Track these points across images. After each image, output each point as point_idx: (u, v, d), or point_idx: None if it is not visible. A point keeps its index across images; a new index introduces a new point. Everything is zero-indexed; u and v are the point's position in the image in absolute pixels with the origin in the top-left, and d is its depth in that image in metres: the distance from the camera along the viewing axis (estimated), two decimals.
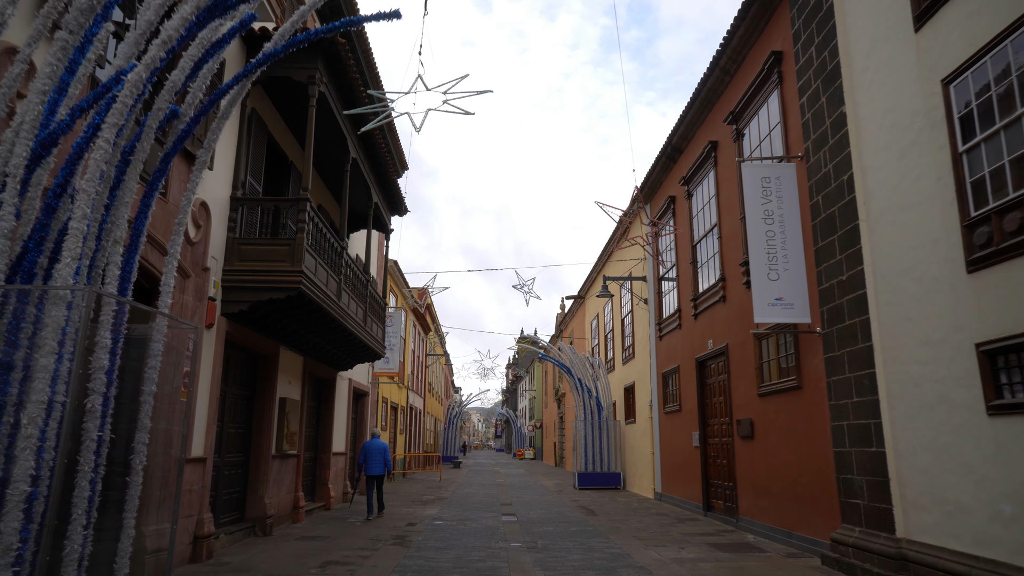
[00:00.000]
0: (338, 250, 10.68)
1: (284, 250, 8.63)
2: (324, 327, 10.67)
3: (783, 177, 9.15)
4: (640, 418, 18.71)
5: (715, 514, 12.51)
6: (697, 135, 13.90)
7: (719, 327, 12.43)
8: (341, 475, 15.20)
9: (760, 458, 10.39)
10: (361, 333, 12.18)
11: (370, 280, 13.21)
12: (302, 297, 8.77)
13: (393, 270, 20.66)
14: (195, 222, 7.62)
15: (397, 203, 15.16)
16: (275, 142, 10.56)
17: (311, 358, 12.56)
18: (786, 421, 9.55)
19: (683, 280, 14.76)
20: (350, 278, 11.60)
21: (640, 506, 15.09)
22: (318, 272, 9.39)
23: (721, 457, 12.37)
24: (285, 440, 10.80)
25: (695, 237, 14.15)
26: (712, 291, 12.74)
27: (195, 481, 7.60)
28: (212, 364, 8.21)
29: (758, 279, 8.82)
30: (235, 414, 9.69)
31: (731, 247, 11.88)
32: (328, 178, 13.29)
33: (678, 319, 14.98)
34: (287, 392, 11.19)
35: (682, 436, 14.63)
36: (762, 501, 10.30)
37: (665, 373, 16.09)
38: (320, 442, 14.01)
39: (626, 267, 19.88)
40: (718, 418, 12.59)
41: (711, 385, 13.05)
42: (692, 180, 14.19)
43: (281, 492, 10.87)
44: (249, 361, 10.20)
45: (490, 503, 15.74)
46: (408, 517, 12.66)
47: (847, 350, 7.70)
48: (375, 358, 14.64)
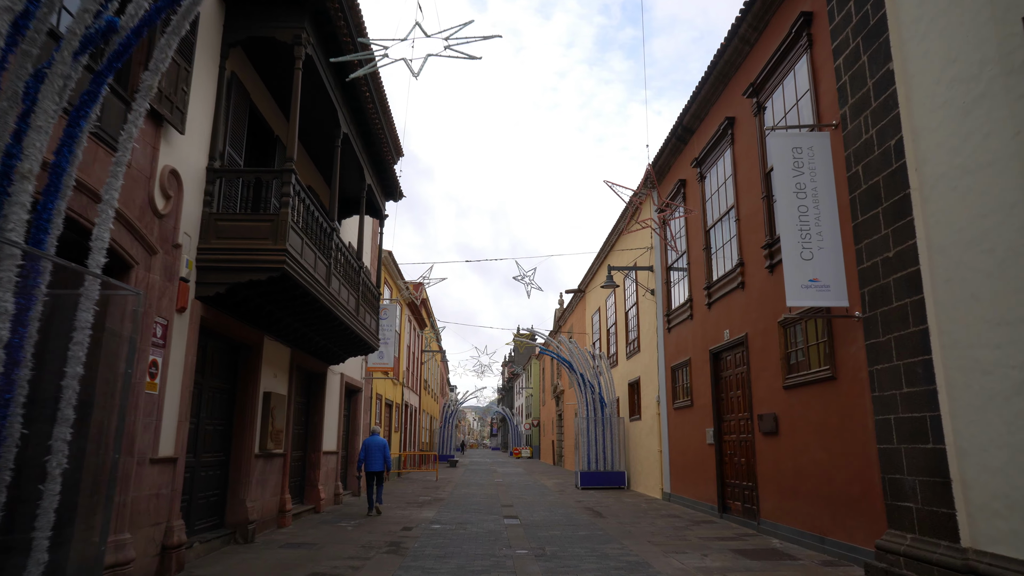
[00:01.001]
0: (327, 231, 9.82)
1: (266, 227, 7.77)
2: (312, 315, 9.81)
3: (816, 147, 8.33)
4: (646, 414, 17.91)
5: (732, 516, 11.71)
6: (711, 113, 13.08)
7: (737, 316, 11.62)
8: (332, 475, 14.34)
9: (786, 456, 9.59)
10: (353, 323, 11.33)
11: (363, 268, 12.36)
12: (286, 279, 7.91)
13: (387, 261, 19.80)
14: (164, 192, 6.75)
15: (392, 186, 14.30)
16: (258, 112, 9.69)
17: (299, 350, 11.70)
18: (817, 415, 8.74)
19: (695, 268, 13.95)
20: (341, 263, 10.74)
21: (649, 507, 14.29)
22: (305, 253, 8.53)
23: (739, 455, 11.56)
24: (270, 438, 9.93)
25: (708, 222, 13.33)
26: (728, 278, 11.93)
27: (163, 484, 6.73)
28: (184, 353, 7.34)
29: (790, 259, 8.00)
30: (213, 409, 8.82)
31: (750, 229, 11.06)
32: (317, 157, 12.42)
33: (689, 309, 14.17)
34: (272, 386, 10.33)
35: (694, 433, 13.82)
36: (788, 503, 9.49)
37: (674, 367, 15.28)
38: (309, 440, 13.14)
39: (631, 257, 19.06)
40: (735, 413, 11.78)
41: (727, 378, 12.25)
42: (705, 161, 13.38)
43: (265, 495, 10.01)
44: (229, 351, 9.33)
45: (490, 504, 14.90)
46: (404, 520, 11.81)
47: (895, 335, 6.89)
48: (368, 351, 13.79)
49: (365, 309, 12.73)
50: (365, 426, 18.19)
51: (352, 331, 11.49)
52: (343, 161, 12.06)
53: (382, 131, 12.08)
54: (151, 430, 6.49)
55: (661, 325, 16.44)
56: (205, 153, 7.90)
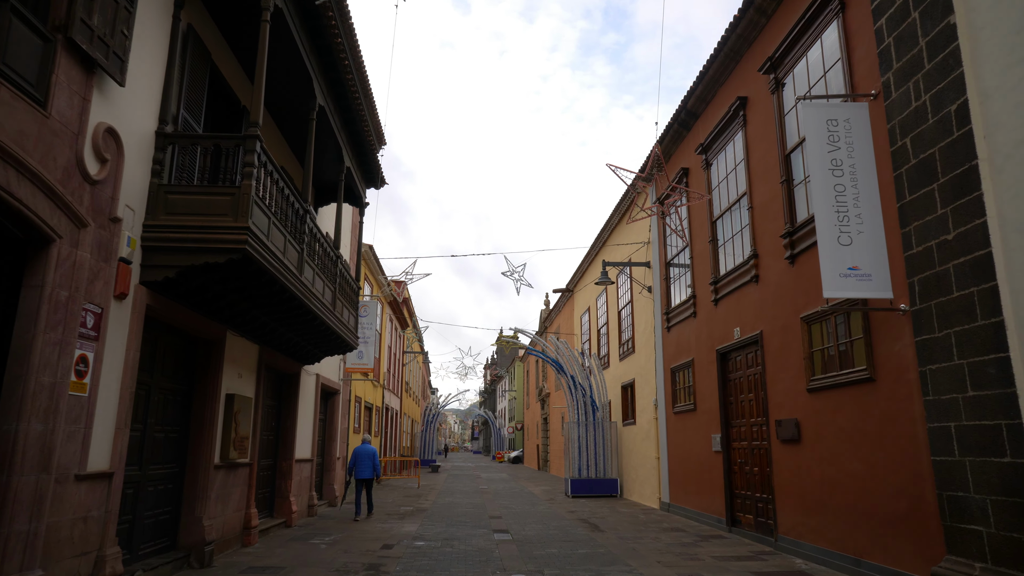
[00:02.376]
0: (300, 214, 8.72)
1: (225, 201, 6.66)
2: (282, 307, 8.69)
3: (853, 119, 7.40)
4: (642, 419, 16.95)
5: (743, 530, 10.76)
6: (719, 94, 12.16)
7: (749, 312, 10.68)
8: (306, 485, 13.17)
9: (811, 466, 8.64)
10: (329, 319, 10.22)
11: (340, 259, 11.25)
12: (249, 263, 6.81)
13: (368, 255, 18.66)
14: (98, 154, 5.62)
15: (373, 171, 13.19)
16: (222, 77, 8.56)
17: (269, 348, 10.56)
18: (850, 421, 7.81)
19: (699, 262, 13.01)
20: (317, 253, 9.64)
21: (648, 519, 13.31)
22: (273, 235, 7.43)
23: (751, 464, 10.62)
24: (233, 446, 8.79)
25: (715, 212, 12.41)
26: (740, 271, 10.99)
27: (93, 505, 5.59)
28: (125, 347, 6.21)
29: (827, 244, 7.06)
30: (165, 414, 7.68)
31: (766, 218, 10.14)
32: (292, 138, 11.29)
33: (692, 307, 13.23)
34: (236, 387, 9.19)
35: (697, 439, 12.87)
36: (813, 518, 8.55)
37: (674, 368, 14.34)
38: (280, 448, 11.98)
39: (625, 252, 18.11)
40: (747, 418, 10.84)
41: (737, 380, 11.31)
42: (712, 147, 12.45)
43: (227, 510, 8.86)
44: (185, 347, 8.18)
45: (477, 515, 13.83)
46: (384, 536, 10.70)
47: (956, 330, 5.96)
48: (346, 350, 12.66)
49: (343, 304, 11.62)
50: (343, 431, 17.04)
51: (328, 327, 10.38)
52: (320, 140, 10.96)
53: (362, 107, 10.99)
54: (77, 440, 5.36)
55: (659, 324, 15.50)
56: (154, 115, 6.77)
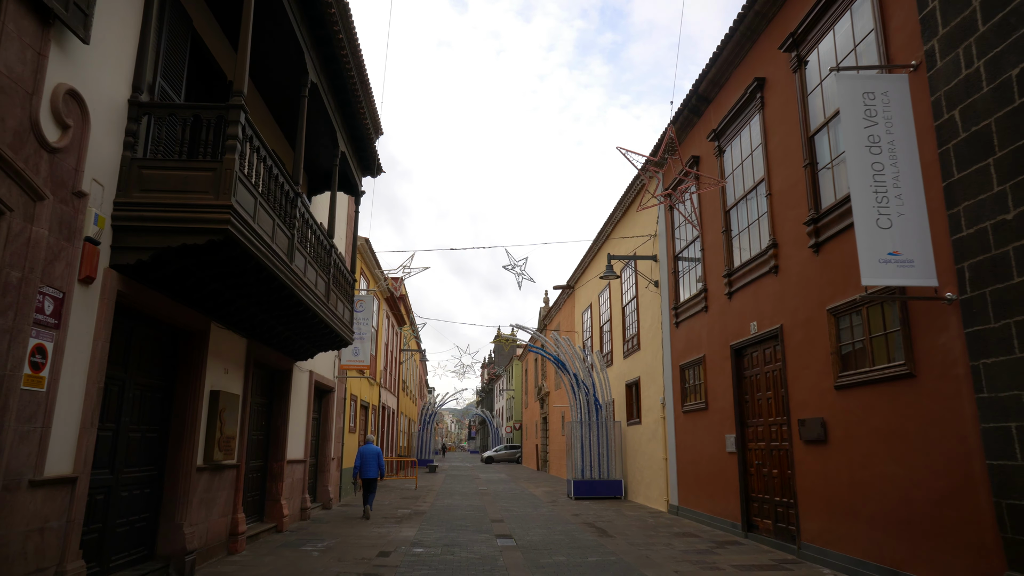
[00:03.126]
0: (291, 197, 8.10)
1: (205, 177, 6.04)
2: (271, 297, 8.06)
3: (892, 92, 6.81)
4: (648, 418, 16.35)
5: (760, 536, 10.17)
6: (734, 76, 11.56)
7: (767, 305, 10.09)
8: (299, 487, 12.54)
9: (839, 469, 8.05)
10: (323, 311, 9.60)
11: (335, 249, 10.62)
12: (232, 245, 6.18)
13: (364, 248, 18.01)
14: (58, 118, 4.99)
15: (369, 158, 12.55)
16: (205, 48, 7.92)
17: (258, 342, 9.93)
18: (886, 420, 7.22)
19: (711, 254, 12.41)
20: (309, 240, 9.02)
21: (657, 523, 12.71)
22: (260, 217, 6.81)
23: (769, 465, 10.02)
24: (218, 447, 8.16)
25: (728, 201, 11.81)
26: (757, 262, 10.40)
27: (52, 514, 4.96)
28: (93, 337, 5.58)
29: (865, 227, 6.46)
30: (141, 412, 7.04)
31: (787, 204, 9.55)
32: (282, 118, 10.66)
33: (703, 301, 12.63)
34: (222, 384, 8.56)
35: (709, 439, 12.28)
36: (842, 525, 7.96)
37: (683, 365, 13.74)
38: (271, 448, 11.35)
39: (630, 246, 17.51)
40: (765, 417, 10.25)
41: (753, 378, 10.71)
42: (725, 133, 11.86)
43: (211, 516, 8.23)
44: (164, 340, 7.55)
45: (478, 519, 13.22)
46: (380, 542, 10.09)
47: (1017, 319, 5.37)
48: (341, 345, 12.03)
49: (337, 297, 11.00)
50: (338, 430, 16.41)
51: (321, 320, 9.76)
52: (313, 122, 10.33)
53: (356, 88, 10.36)
54: (32, 441, 4.73)
55: (667, 320, 14.90)
56: (127, 82, 6.14)
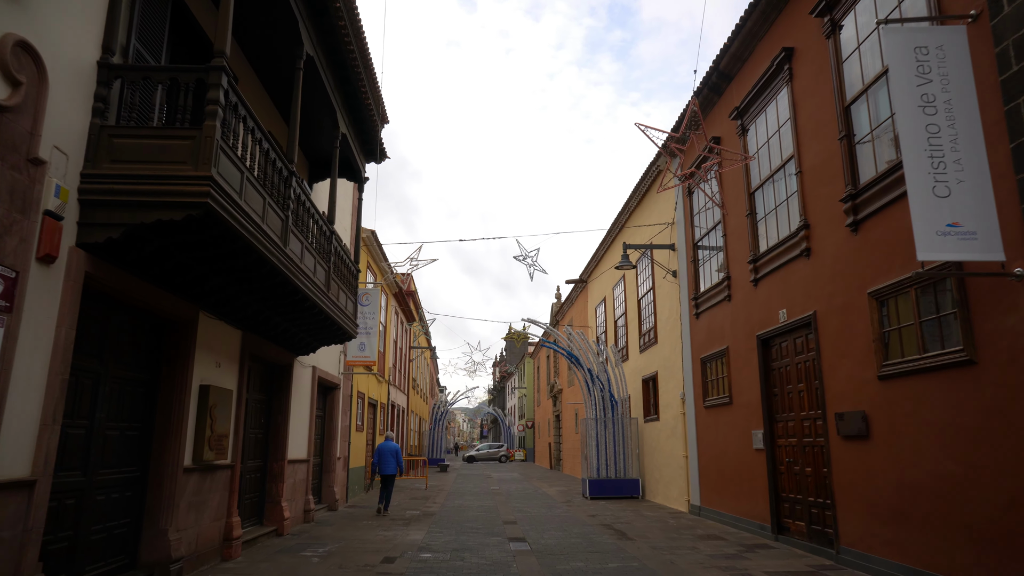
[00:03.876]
0: (284, 176, 7.50)
1: (183, 146, 5.43)
2: (264, 284, 7.46)
3: (948, 46, 6.10)
4: (666, 414, 15.66)
5: (792, 539, 9.47)
6: (759, 49, 10.85)
7: (798, 291, 9.39)
8: (301, 488, 11.96)
9: (884, 467, 7.35)
10: (323, 301, 9.00)
11: (335, 236, 10.02)
12: (213, 222, 5.58)
13: (370, 241, 17.41)
14: (5, 72, 4.39)
15: (372, 142, 11.94)
16: (188, 12, 7.31)
17: (254, 334, 9.34)
18: (939, 413, 6.51)
19: (734, 239, 11.71)
20: (306, 225, 8.42)
21: (678, 524, 12.03)
22: (248, 195, 6.21)
23: (802, 463, 9.32)
24: (208, 446, 7.58)
25: (753, 182, 11.10)
26: (786, 245, 9.69)
27: (2, 524, 4.37)
28: (56, 324, 4.99)
29: (920, 196, 5.76)
30: (120, 408, 6.46)
31: (820, 181, 8.84)
32: (279, 98, 10.06)
33: (726, 289, 11.93)
34: (213, 378, 7.97)
35: (733, 436, 11.58)
36: (888, 529, 7.25)
37: (705, 358, 13.04)
38: (271, 447, 10.77)
39: (647, 235, 16.82)
40: (796, 412, 9.55)
41: (783, 369, 10.00)
42: (749, 110, 11.15)
43: (202, 520, 7.65)
44: (145, 329, 6.96)
45: (490, 520, 12.59)
46: (385, 546, 9.48)
47: None
48: (344, 339, 11.45)
49: (339, 287, 10.40)
50: (344, 428, 15.83)
51: (321, 311, 9.16)
52: (311, 101, 9.73)
53: (357, 64, 9.74)
54: None
55: (686, 311, 14.20)
56: (95, 42, 5.55)
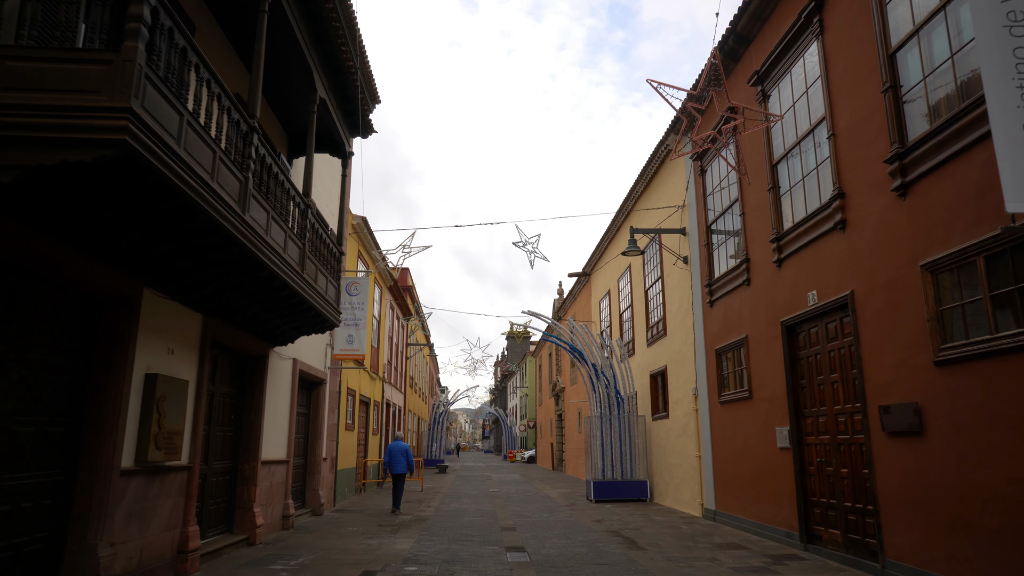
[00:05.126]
0: (243, 131, 6.47)
1: (97, 72, 4.39)
2: (219, 254, 6.40)
3: None
4: (676, 411, 14.59)
5: (824, 548, 8.40)
6: (782, 3, 9.78)
7: (831, 269, 8.33)
8: (279, 492, 10.90)
9: (943, 467, 6.28)
10: (296, 282, 7.96)
11: (312, 210, 8.98)
12: (140, 169, 4.53)
13: (361, 228, 16.34)
14: None
15: (355, 112, 10.86)
16: None
17: (218, 319, 8.30)
18: (1018, 405, 5.44)
19: (754, 217, 10.65)
20: (273, 192, 7.38)
21: (692, 530, 10.96)
22: (190, 142, 5.16)
23: (836, 463, 8.26)
24: (154, 444, 6.53)
25: (775, 153, 10.05)
26: (816, 219, 8.63)
27: None
28: None
29: (1007, 134, 4.71)
30: (32, 401, 5.40)
31: (858, 143, 7.78)
32: (246, 50, 9.00)
33: (745, 273, 10.87)
34: (163, 366, 6.92)
35: (753, 433, 10.51)
36: (949, 542, 6.18)
37: (720, 349, 11.98)
38: (243, 447, 9.72)
39: (655, 219, 15.76)
40: (828, 406, 8.48)
41: (812, 358, 8.94)
42: (771, 74, 10.09)
43: (148, 531, 6.60)
44: (71, 306, 5.92)
45: (487, 526, 11.53)
46: (367, 557, 8.43)
47: None
48: (326, 327, 10.39)
49: (318, 269, 9.36)
50: (332, 427, 14.78)
51: (295, 293, 8.11)
52: (285, 58, 8.69)
53: (336, 16, 8.69)
54: None
55: (699, 299, 13.14)
56: None
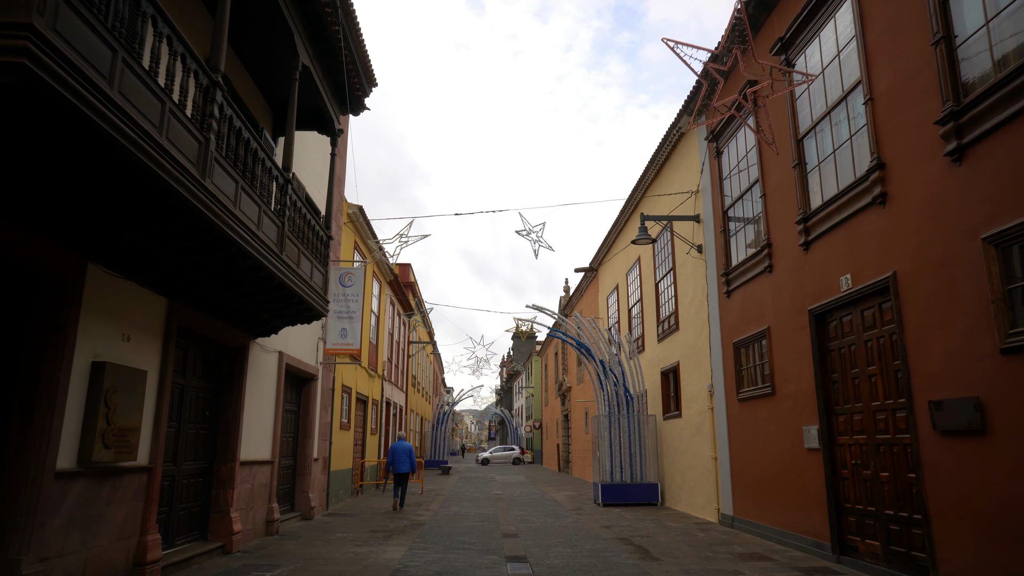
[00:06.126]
0: (204, 86, 5.68)
1: None
2: (176, 225, 5.60)
3: None
4: (690, 410, 13.71)
5: (862, 561, 7.53)
6: None
7: (869, 249, 7.46)
8: (263, 495, 10.10)
9: (1012, 472, 5.41)
10: (273, 263, 7.16)
11: (291, 184, 8.18)
12: (46, 97, 3.73)
13: (357, 217, 15.54)
14: None
15: (342, 85, 10.04)
16: None
17: (187, 304, 7.50)
18: None
19: (776, 198, 9.79)
20: (245, 163, 6.59)
21: (709, 538, 10.09)
22: (128, 87, 4.38)
23: (874, 466, 7.38)
24: (102, 441, 5.73)
25: (801, 127, 9.19)
26: (850, 194, 7.77)
27: None
28: None
29: None
30: None
31: (899, 107, 6.91)
32: None
33: (767, 259, 10.00)
34: (115, 354, 6.13)
35: (777, 433, 9.65)
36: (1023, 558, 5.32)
37: (739, 343, 11.11)
38: (219, 446, 8.92)
39: (667, 207, 14.90)
40: (866, 402, 7.61)
41: (845, 349, 8.06)
42: (796, 41, 9.23)
43: (95, 542, 5.80)
44: None
45: (487, 533, 10.70)
46: (351, 569, 7.60)
47: None
48: (311, 316, 9.59)
49: (301, 252, 8.57)
50: (324, 426, 13.99)
51: (271, 276, 7.31)
52: (265, 21, 7.90)
53: None
54: None
55: (714, 290, 12.27)
56: None
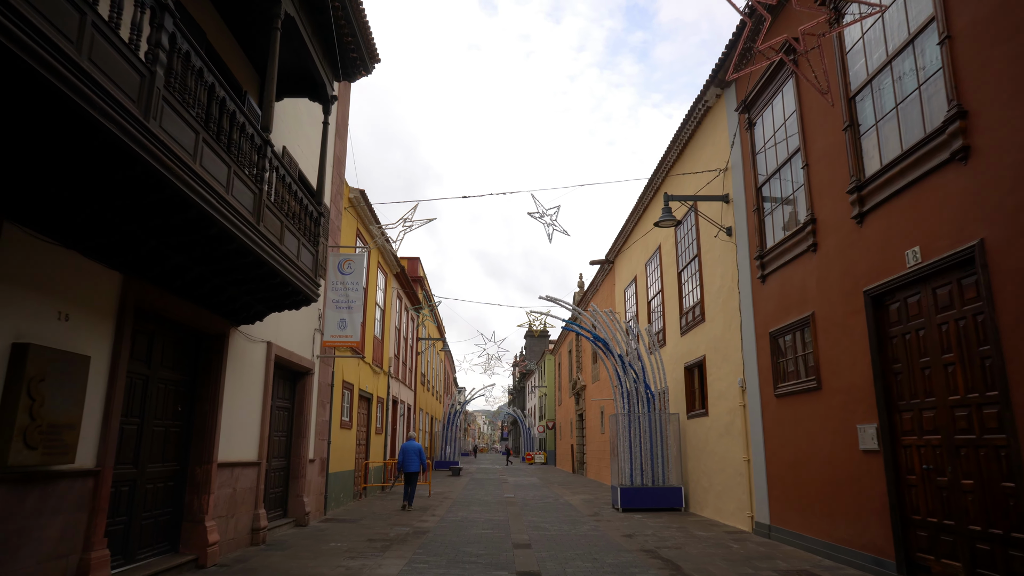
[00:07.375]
0: (150, 5, 4.64)
1: None
2: (119, 174, 4.58)
3: None
4: (718, 408, 12.57)
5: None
6: None
7: (946, 216, 6.31)
8: (247, 501, 9.09)
9: None
10: (247, 232, 6.15)
11: (271, 147, 7.16)
12: None
13: (358, 201, 14.53)
14: None
15: (331, 43, 8.97)
16: None
17: (150, 282, 6.49)
18: None
19: (822, 167, 8.64)
20: (209, 112, 5.58)
21: (745, 551, 8.96)
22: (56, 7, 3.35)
23: (954, 473, 6.23)
24: (23, 441, 4.72)
25: (852, 83, 8.04)
26: (918, 154, 6.62)
27: None
28: None
29: None
30: None
31: (987, 42, 5.76)
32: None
33: (810, 236, 8.86)
34: (44, 335, 5.12)
35: (824, 432, 8.50)
36: None
37: (776, 332, 9.96)
38: (194, 445, 7.91)
39: (693, 186, 13.77)
40: (939, 396, 6.46)
41: (911, 335, 6.91)
42: None
43: (20, 562, 4.78)
44: None
45: (496, 542, 9.62)
46: None
47: None
48: (300, 300, 8.56)
49: (286, 227, 7.55)
50: (322, 424, 12.98)
51: (247, 249, 6.30)
52: None
53: None
54: None
55: (747, 275, 11.13)
56: None
